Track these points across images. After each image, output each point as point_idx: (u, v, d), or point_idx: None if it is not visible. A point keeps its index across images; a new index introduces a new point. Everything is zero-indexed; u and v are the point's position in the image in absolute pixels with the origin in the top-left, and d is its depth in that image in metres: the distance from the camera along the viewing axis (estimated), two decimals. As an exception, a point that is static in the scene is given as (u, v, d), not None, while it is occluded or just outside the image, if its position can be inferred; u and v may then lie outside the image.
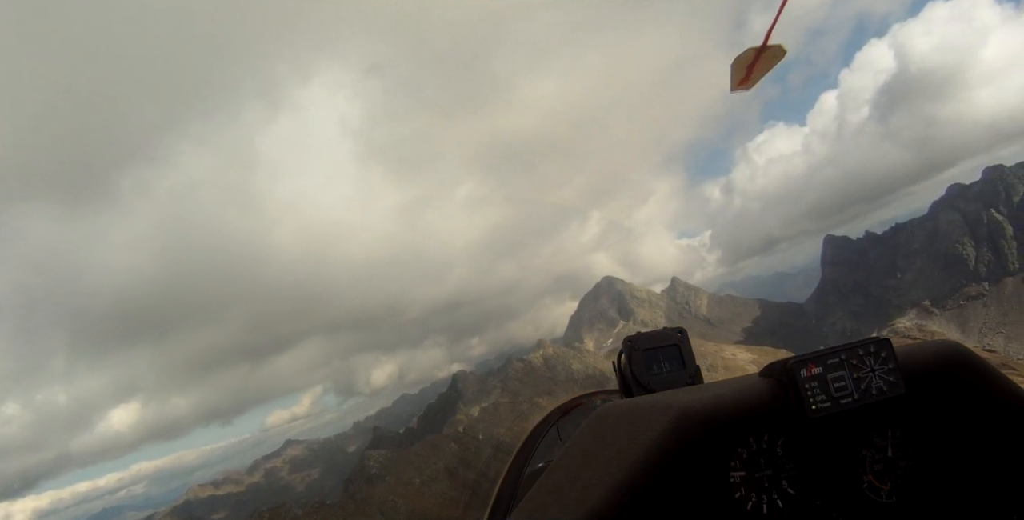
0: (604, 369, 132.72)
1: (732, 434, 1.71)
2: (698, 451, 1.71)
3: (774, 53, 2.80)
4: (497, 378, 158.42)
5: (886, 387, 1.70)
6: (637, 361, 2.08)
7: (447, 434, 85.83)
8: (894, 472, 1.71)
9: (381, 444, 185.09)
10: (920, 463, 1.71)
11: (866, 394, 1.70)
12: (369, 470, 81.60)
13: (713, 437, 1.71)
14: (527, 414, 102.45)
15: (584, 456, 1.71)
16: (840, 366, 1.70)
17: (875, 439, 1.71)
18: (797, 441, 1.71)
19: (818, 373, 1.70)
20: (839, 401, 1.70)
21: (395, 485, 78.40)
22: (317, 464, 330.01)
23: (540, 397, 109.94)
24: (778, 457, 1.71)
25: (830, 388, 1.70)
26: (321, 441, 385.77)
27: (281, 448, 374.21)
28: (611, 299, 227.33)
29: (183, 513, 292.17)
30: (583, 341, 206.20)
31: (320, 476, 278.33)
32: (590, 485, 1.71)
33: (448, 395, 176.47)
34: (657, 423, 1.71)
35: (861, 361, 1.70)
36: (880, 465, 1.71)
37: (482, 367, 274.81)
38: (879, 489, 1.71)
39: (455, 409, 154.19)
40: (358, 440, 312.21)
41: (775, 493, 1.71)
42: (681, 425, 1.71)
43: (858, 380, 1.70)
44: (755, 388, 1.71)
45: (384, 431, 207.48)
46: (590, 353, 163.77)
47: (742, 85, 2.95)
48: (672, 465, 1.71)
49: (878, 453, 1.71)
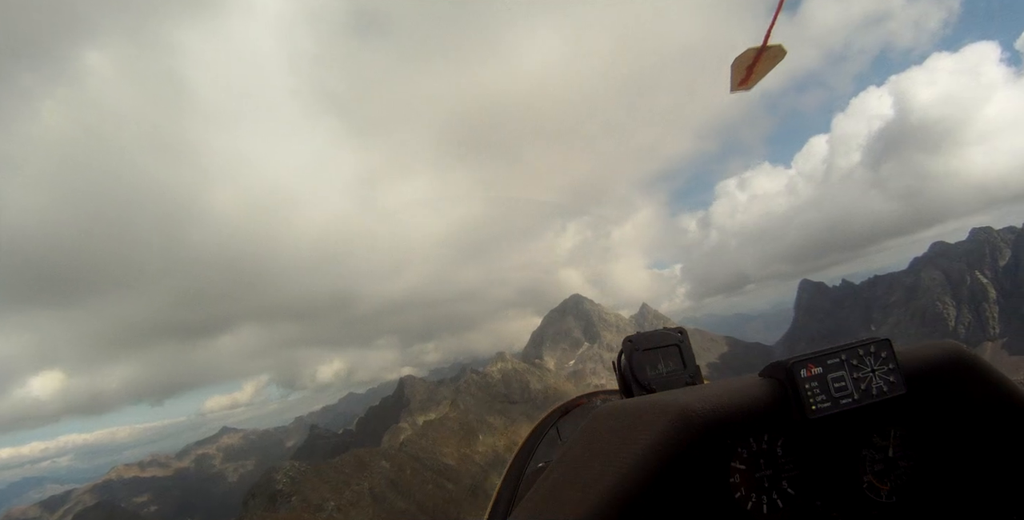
0: (565, 391, 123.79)
1: (732, 434, 1.71)
2: (698, 451, 1.71)
3: (774, 53, 2.83)
4: (449, 388, 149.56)
5: (886, 387, 1.71)
6: (637, 361, 2.08)
7: (379, 449, 73.66)
8: (894, 472, 1.71)
9: (315, 446, 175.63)
10: (920, 463, 1.71)
11: (866, 394, 1.71)
12: (274, 486, 68.58)
13: (713, 437, 1.71)
14: (476, 435, 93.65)
15: (584, 456, 1.71)
16: (840, 366, 1.71)
17: (875, 439, 1.72)
18: (797, 441, 1.72)
19: (818, 373, 1.71)
20: (839, 401, 1.71)
21: (301, 510, 65.99)
22: (252, 455, 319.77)
23: (492, 416, 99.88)
24: (778, 457, 1.72)
25: (830, 388, 1.71)
26: (260, 432, 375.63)
27: (216, 435, 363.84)
28: (577, 318, 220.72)
29: (102, 492, 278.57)
30: (543, 358, 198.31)
31: (254, 468, 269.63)
32: (590, 485, 1.71)
33: (393, 400, 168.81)
34: (657, 423, 1.71)
35: (861, 361, 1.70)
36: (880, 465, 1.71)
37: (435, 374, 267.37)
38: (879, 489, 1.71)
39: (398, 416, 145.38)
40: (298, 435, 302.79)
41: (775, 493, 1.72)
42: (681, 425, 1.71)
43: (858, 380, 1.71)
44: (755, 388, 1.71)
45: (321, 431, 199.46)
46: (550, 372, 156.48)
47: (742, 86, 2.99)
48: (672, 465, 1.72)
49: (878, 453, 1.71)
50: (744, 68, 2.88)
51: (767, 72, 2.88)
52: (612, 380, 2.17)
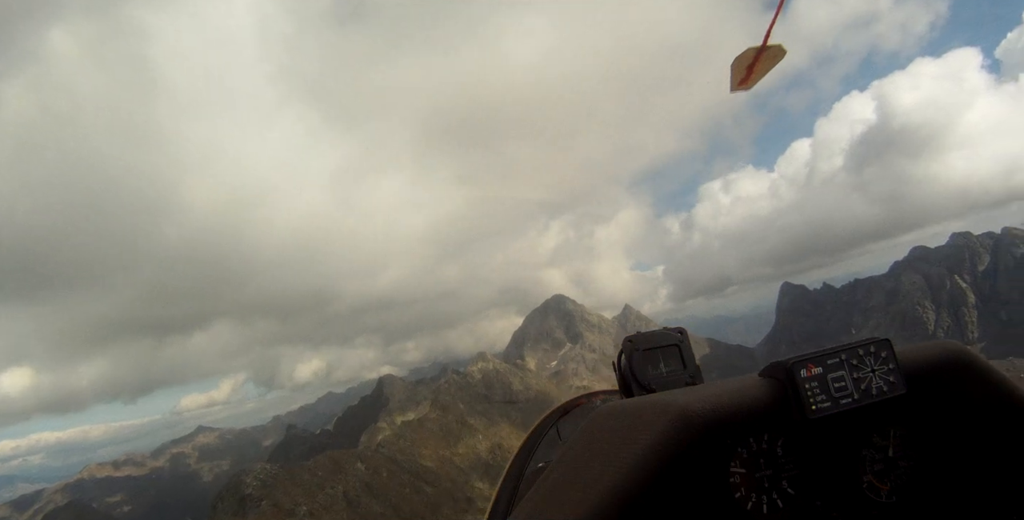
0: (547, 392, 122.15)
1: (732, 434, 1.71)
2: (698, 451, 1.71)
3: (774, 53, 2.84)
4: (429, 388, 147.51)
5: (886, 387, 1.71)
6: (637, 361, 2.08)
7: (355, 451, 71.23)
8: (894, 472, 1.71)
9: (291, 446, 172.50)
10: (920, 463, 1.71)
11: (866, 394, 1.71)
12: (244, 490, 65.58)
13: (713, 437, 1.71)
14: (456, 437, 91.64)
15: (584, 456, 1.72)
16: (840, 366, 1.71)
17: (875, 439, 1.72)
18: (797, 441, 1.72)
19: (818, 373, 1.71)
20: (839, 401, 1.71)
21: (271, 515, 62.94)
22: (228, 455, 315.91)
23: (473, 417, 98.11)
24: (778, 457, 1.72)
25: (830, 388, 1.71)
26: (236, 431, 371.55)
27: (192, 434, 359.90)
28: (559, 319, 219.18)
29: (74, 491, 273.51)
30: (525, 359, 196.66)
31: (230, 468, 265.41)
32: (590, 485, 1.71)
33: (372, 399, 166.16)
34: (657, 423, 1.71)
35: (861, 361, 1.71)
36: (880, 465, 1.71)
37: (415, 374, 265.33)
38: (879, 489, 1.71)
39: (377, 416, 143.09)
40: (275, 434, 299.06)
41: (775, 493, 1.72)
42: (681, 425, 1.71)
43: (858, 380, 1.71)
44: (755, 388, 1.71)
45: (299, 431, 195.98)
46: (532, 373, 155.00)
47: (742, 85, 3.00)
48: (672, 465, 1.72)
49: (878, 453, 1.71)
50: (744, 68, 2.87)
51: (767, 72, 2.87)
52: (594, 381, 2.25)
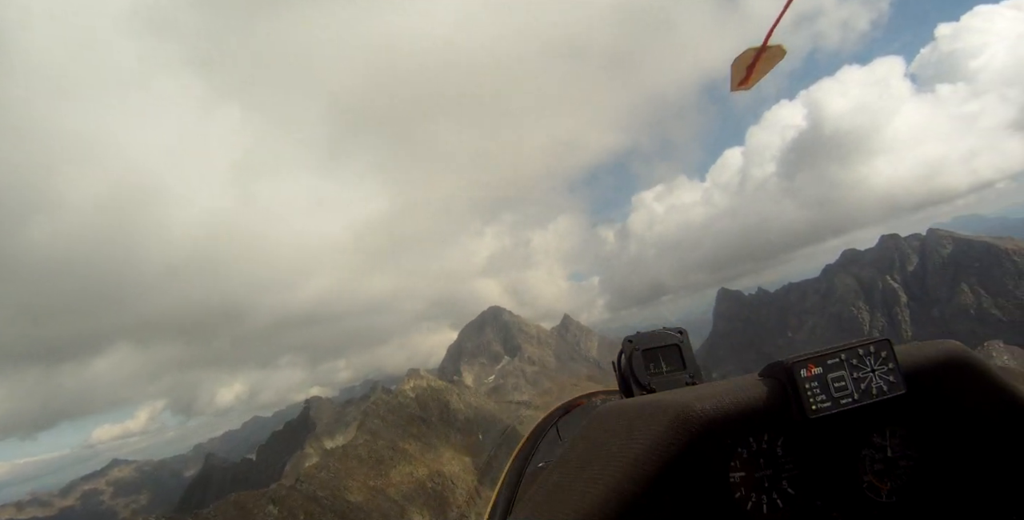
0: (488, 409, 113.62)
1: (732, 434, 1.72)
2: (698, 451, 1.71)
3: (774, 54, 2.83)
4: (357, 409, 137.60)
5: (886, 387, 1.71)
6: (637, 361, 2.08)
7: (265, 491, 60.51)
8: (894, 472, 1.72)
9: (210, 477, 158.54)
10: (920, 463, 1.72)
11: (866, 394, 1.71)
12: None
13: (713, 437, 1.72)
14: (388, 464, 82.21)
15: (584, 456, 1.72)
16: (840, 366, 1.71)
17: (875, 439, 1.72)
18: (797, 441, 1.72)
19: (818, 373, 1.71)
20: (839, 401, 1.71)
21: None
22: (145, 488, 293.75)
23: (406, 441, 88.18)
24: (778, 457, 1.72)
25: (830, 388, 1.71)
26: (155, 462, 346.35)
27: (106, 467, 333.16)
28: (496, 331, 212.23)
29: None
30: (461, 375, 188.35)
31: (148, 503, 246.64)
32: (590, 485, 1.72)
33: (297, 423, 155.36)
34: (657, 423, 1.71)
35: (861, 361, 1.71)
36: (880, 465, 1.72)
37: (346, 393, 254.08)
38: (879, 489, 1.72)
39: (303, 442, 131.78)
40: (197, 464, 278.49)
41: (775, 493, 1.72)
42: (681, 425, 1.71)
43: (858, 380, 1.71)
44: (755, 388, 1.72)
45: (218, 460, 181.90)
46: (470, 389, 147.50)
47: (742, 86, 2.97)
48: (672, 465, 1.72)
49: (878, 453, 1.72)
50: (744, 68, 2.84)
51: (767, 72, 2.84)
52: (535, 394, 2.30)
